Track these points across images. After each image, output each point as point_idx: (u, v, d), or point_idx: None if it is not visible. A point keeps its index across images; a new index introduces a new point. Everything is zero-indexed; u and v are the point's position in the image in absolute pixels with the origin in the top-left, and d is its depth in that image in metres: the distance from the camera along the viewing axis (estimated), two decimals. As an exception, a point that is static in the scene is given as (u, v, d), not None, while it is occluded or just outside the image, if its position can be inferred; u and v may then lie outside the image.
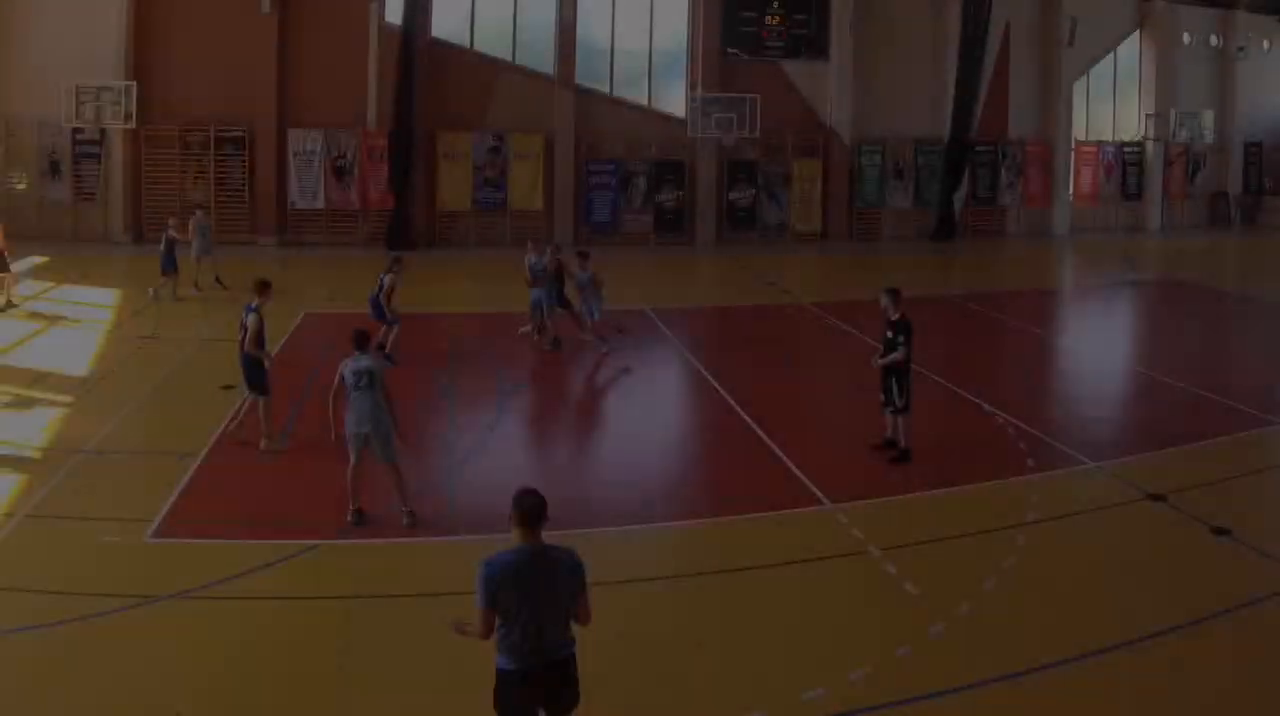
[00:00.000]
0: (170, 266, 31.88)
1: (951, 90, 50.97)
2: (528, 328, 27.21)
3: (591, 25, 48.80)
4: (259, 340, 18.88)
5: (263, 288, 19.38)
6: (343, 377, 15.64)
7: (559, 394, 24.14)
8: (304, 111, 45.54)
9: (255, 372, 18.99)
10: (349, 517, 15.48)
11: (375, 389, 15.57)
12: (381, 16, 45.63)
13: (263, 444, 18.94)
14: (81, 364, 24.66)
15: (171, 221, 32.66)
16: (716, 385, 24.07)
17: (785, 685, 11.32)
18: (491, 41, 47.94)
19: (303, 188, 45.55)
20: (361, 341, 15.96)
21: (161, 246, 31.98)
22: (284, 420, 20.08)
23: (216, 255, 34.11)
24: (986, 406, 22.25)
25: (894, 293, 18.66)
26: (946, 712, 10.95)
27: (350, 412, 15.61)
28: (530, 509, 8.64)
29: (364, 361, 15.66)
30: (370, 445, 15.60)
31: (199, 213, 34.46)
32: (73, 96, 41.99)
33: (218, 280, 33.79)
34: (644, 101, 50.09)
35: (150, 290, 31.90)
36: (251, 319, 18.82)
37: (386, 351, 23.56)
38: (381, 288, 24.52)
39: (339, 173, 45.77)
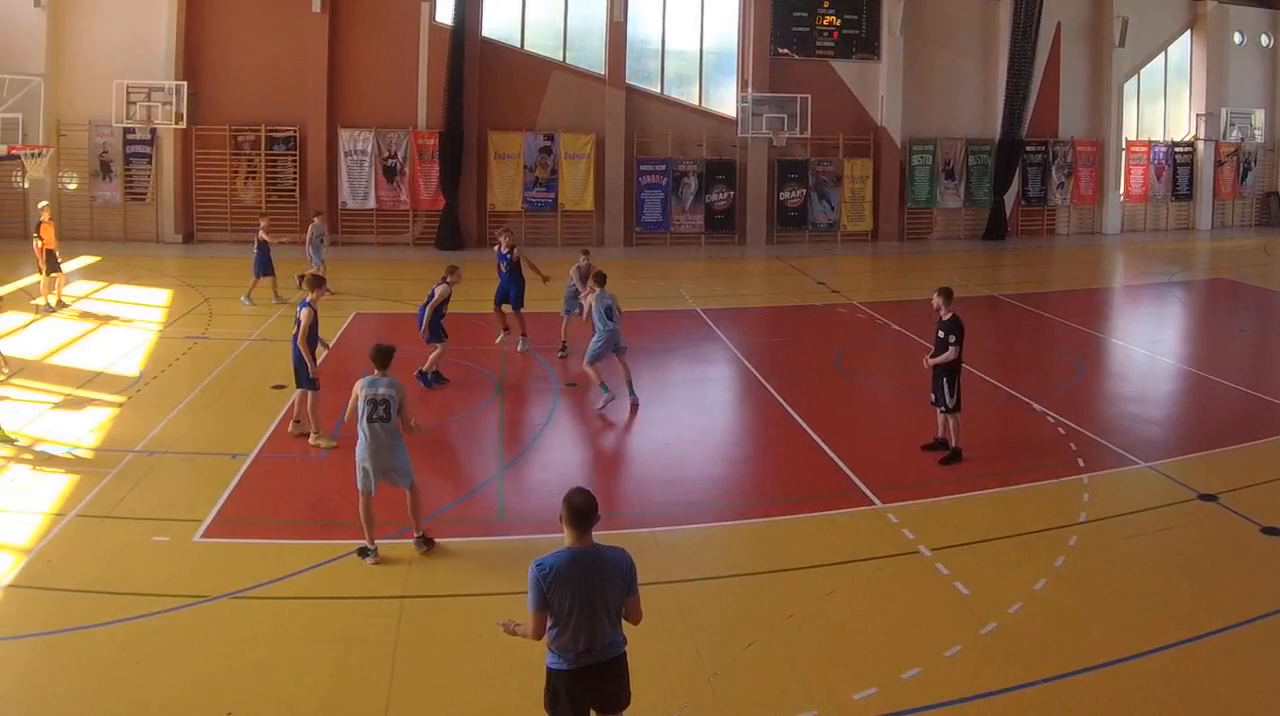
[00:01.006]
0: (264, 269, 31.97)
1: (1002, 90, 50.87)
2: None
3: (642, 25, 48.79)
4: (310, 335, 19.15)
5: (315, 283, 19.72)
6: (357, 402, 14.52)
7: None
8: (354, 111, 45.67)
9: (305, 367, 19.28)
10: (366, 557, 14.32)
11: (392, 420, 14.45)
12: (432, 16, 45.70)
13: (311, 439, 19.21)
14: (132, 364, 24.78)
15: (263, 223, 32.68)
16: (767, 385, 24.08)
17: (836, 685, 11.32)
18: (542, 41, 47.96)
19: (353, 188, 45.65)
20: (383, 359, 14.93)
21: (255, 249, 32.14)
22: (336, 418, 20.13)
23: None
24: (1037, 406, 22.20)
25: (947, 292, 18.67)
26: (998, 712, 10.91)
27: (365, 444, 14.43)
28: (581, 509, 8.63)
29: (382, 387, 14.46)
30: (388, 478, 14.59)
31: (316, 219, 34.43)
32: (124, 96, 42.12)
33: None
34: (695, 101, 49.96)
35: (243, 297, 31.92)
36: (305, 313, 19.09)
37: (425, 372, 23.08)
38: (431, 298, 23.18)
39: (389, 173, 45.83)
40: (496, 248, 27.45)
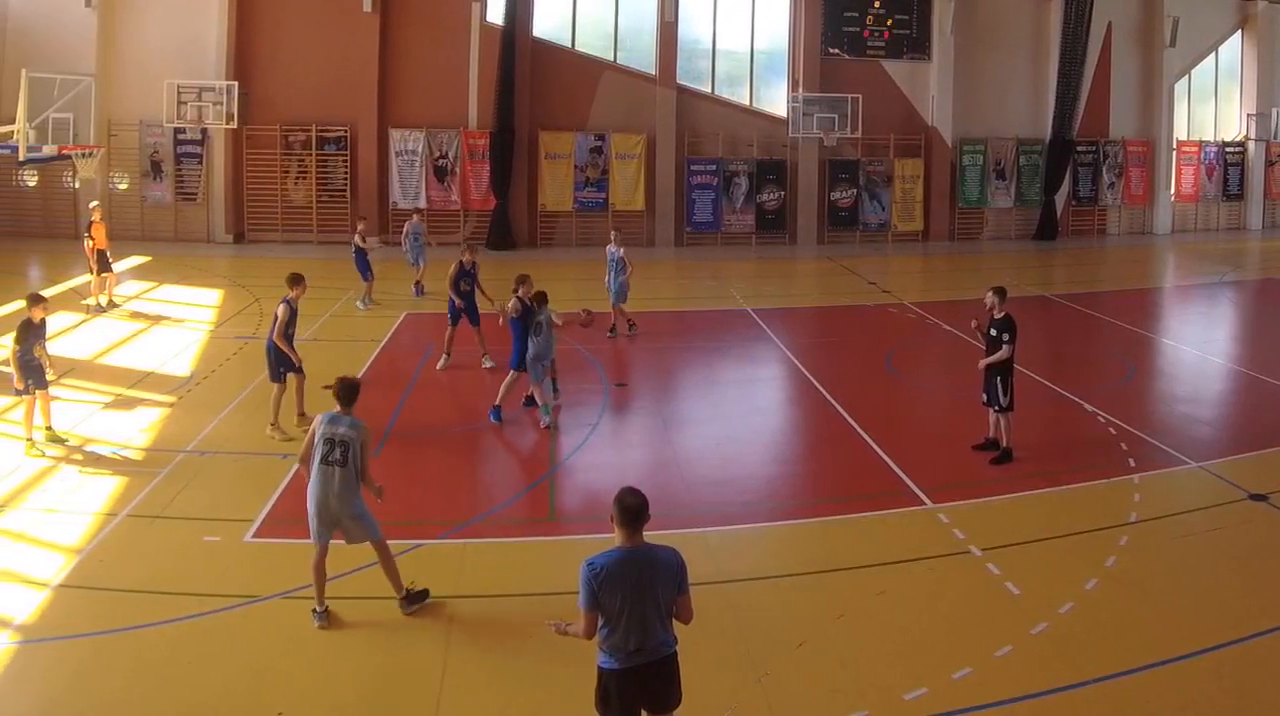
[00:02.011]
0: (366, 272, 32.11)
1: (1053, 89, 50.70)
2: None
3: (693, 25, 48.77)
4: (285, 331, 19.55)
5: (295, 281, 20.07)
6: (312, 440, 12.78)
7: (660, 393, 24.13)
8: (405, 111, 45.79)
9: (280, 361, 19.75)
10: (315, 620, 12.63)
11: (349, 465, 12.64)
12: (483, 16, 45.81)
13: (268, 431, 19.47)
14: (183, 364, 24.93)
15: (360, 227, 32.75)
16: (818, 385, 24.08)
17: (887, 685, 11.35)
18: (593, 41, 48.02)
19: (404, 188, 45.74)
20: (347, 396, 13.03)
21: (353, 254, 32.30)
22: (385, 422, 20.38)
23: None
24: (1088, 406, 22.16)
25: (1001, 291, 18.66)
26: (1049, 713, 10.93)
27: (315, 489, 12.70)
28: (632, 509, 8.69)
29: (343, 427, 12.72)
30: (342, 526, 12.81)
31: (414, 218, 34.48)
32: (174, 96, 42.24)
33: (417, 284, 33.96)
34: (745, 101, 49.91)
35: (358, 302, 32.13)
36: (282, 309, 19.48)
37: (498, 406, 21.69)
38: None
39: (440, 173, 45.95)
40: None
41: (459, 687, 11.36)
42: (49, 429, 19.08)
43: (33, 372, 18.52)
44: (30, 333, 18.67)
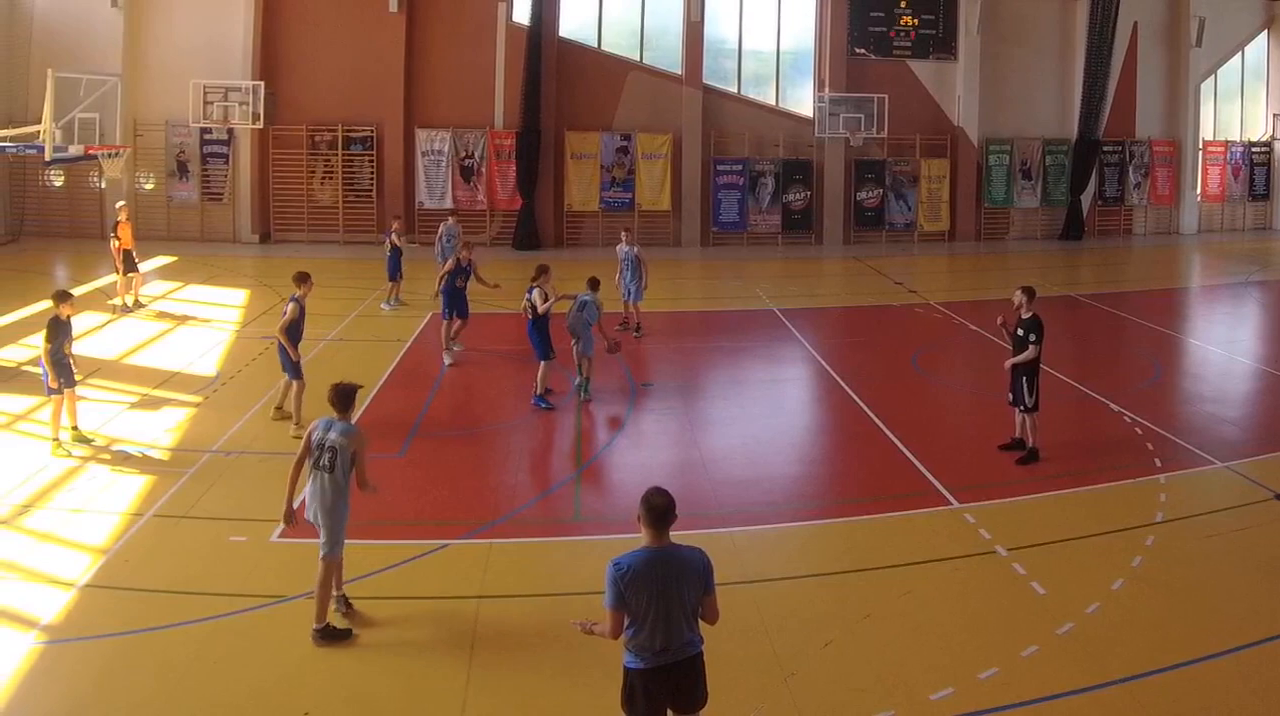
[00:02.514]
0: (395, 273, 32.22)
1: (1079, 89, 50.59)
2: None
3: (719, 25, 48.67)
4: (293, 329, 19.67)
5: (302, 278, 20.30)
6: (308, 445, 12.70)
7: (686, 393, 24.05)
8: (431, 111, 45.86)
9: (287, 357, 19.78)
10: (314, 636, 12.31)
11: (338, 472, 12.49)
12: (509, 16, 45.83)
13: (291, 431, 19.48)
14: (209, 364, 24.98)
15: (395, 226, 32.79)
16: (844, 385, 24.11)
17: (913, 684, 11.38)
18: (619, 41, 48.03)
19: (430, 188, 45.79)
20: (342, 402, 12.88)
21: (387, 252, 32.37)
22: (410, 422, 20.47)
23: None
24: (1113, 406, 22.16)
25: (1030, 290, 18.70)
26: (1075, 713, 10.94)
27: (308, 491, 12.77)
28: (660, 509, 8.71)
29: (335, 433, 12.59)
30: (319, 527, 12.64)
31: (450, 219, 34.34)
32: (200, 96, 42.23)
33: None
34: (772, 101, 49.92)
35: (384, 303, 32.17)
36: (290, 307, 19.64)
37: (536, 392, 22.35)
38: (533, 308, 22.27)
39: (466, 173, 45.98)
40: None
41: (485, 687, 11.40)
42: (75, 429, 19.12)
43: (63, 371, 18.63)
44: (60, 330, 18.75)
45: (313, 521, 12.65)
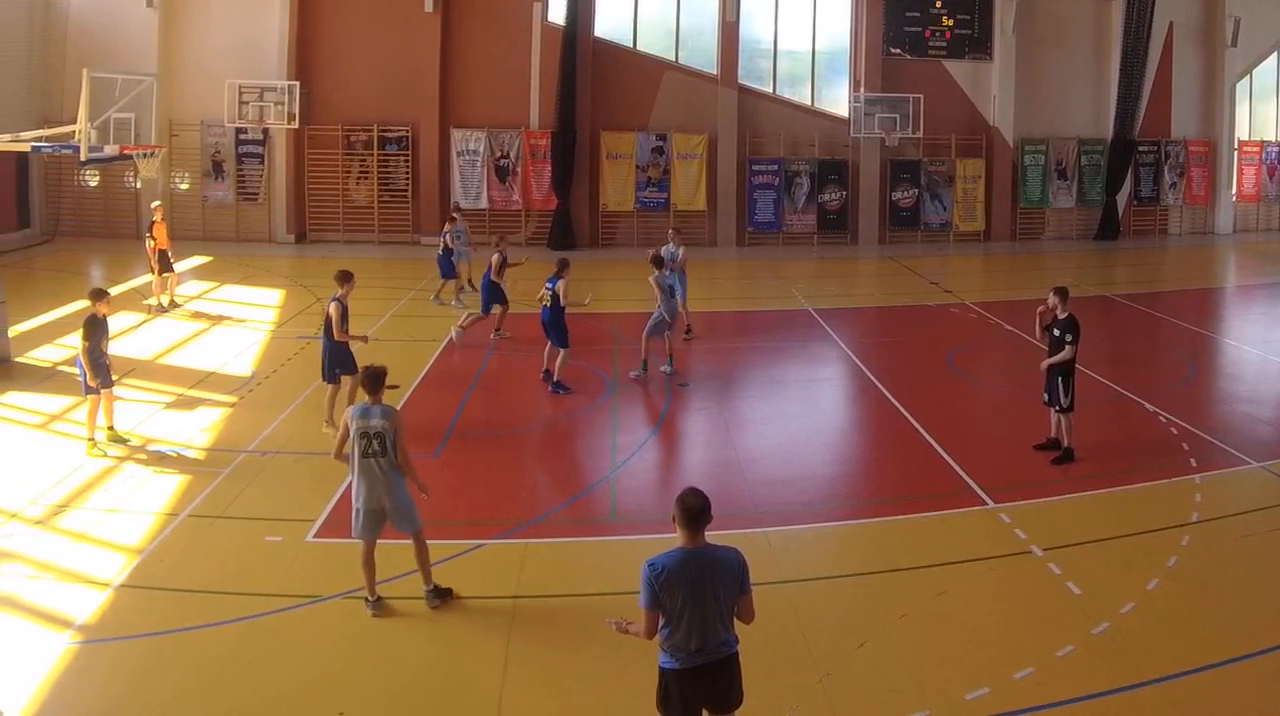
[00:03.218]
0: (449, 271, 32.53)
1: (1115, 89, 50.40)
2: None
3: (754, 25, 48.58)
4: (342, 327, 19.76)
5: (344, 278, 20.44)
6: (346, 435, 13.03)
7: (722, 393, 24.10)
8: (467, 111, 45.85)
9: (336, 358, 19.92)
10: (369, 609, 13.03)
11: (388, 454, 12.84)
12: (544, 16, 45.79)
13: (324, 429, 19.65)
14: (244, 364, 25.08)
15: (448, 226, 32.94)
16: (879, 385, 24.13)
17: (948, 685, 11.40)
18: (654, 41, 47.94)
19: (466, 188, 45.76)
20: (374, 385, 13.12)
21: (440, 250, 32.65)
22: (446, 422, 20.57)
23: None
24: (1149, 406, 22.14)
25: (1063, 291, 18.67)
26: (1110, 713, 10.95)
27: (358, 483, 13.01)
28: (695, 509, 8.71)
29: (375, 418, 12.83)
30: (390, 519, 13.07)
31: (458, 219, 34.26)
32: (236, 96, 42.43)
33: (469, 283, 33.80)
34: (807, 101, 49.81)
35: (452, 301, 32.41)
36: (333, 308, 19.70)
37: (556, 379, 23.10)
38: (556, 299, 22.90)
39: (501, 173, 45.95)
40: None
41: (520, 687, 11.44)
42: (111, 428, 19.22)
43: (100, 371, 18.72)
44: (97, 329, 18.83)
45: (369, 512, 12.91)
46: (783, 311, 32.62)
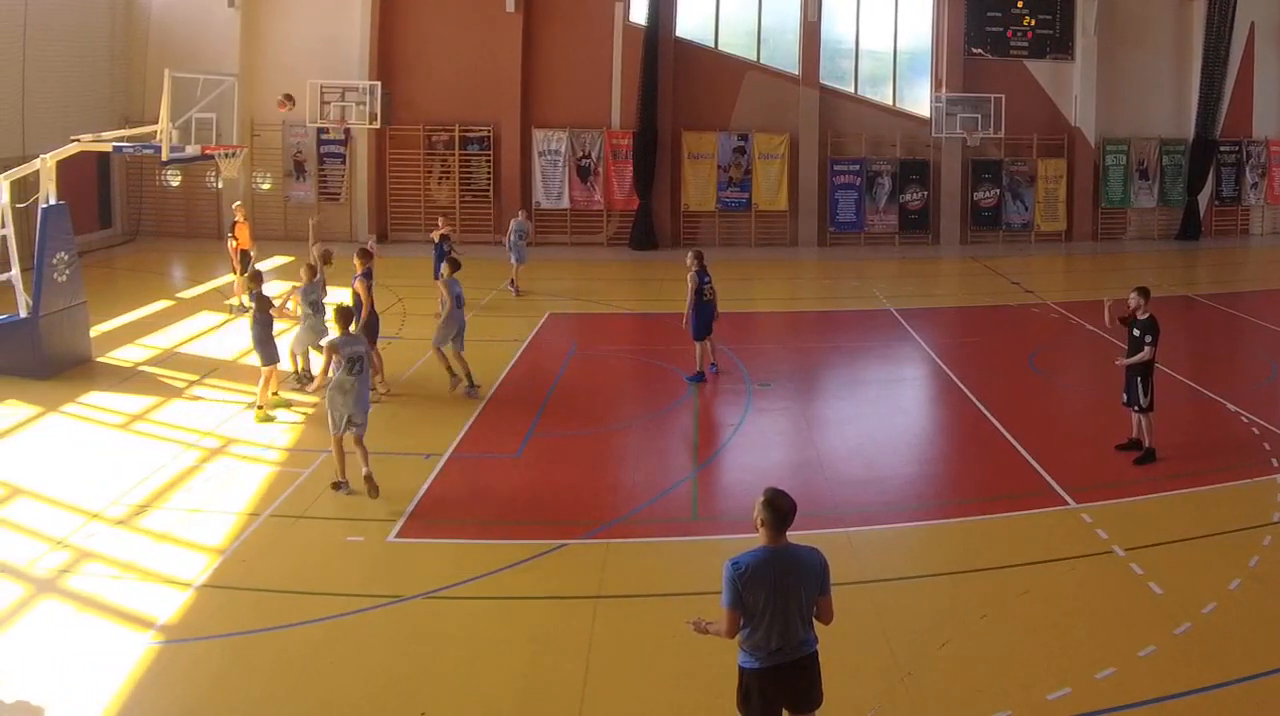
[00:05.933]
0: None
1: (1196, 89, 49.98)
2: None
3: (836, 24, 48.47)
4: (369, 303, 21.85)
5: (364, 256, 22.64)
6: (336, 358, 16.56)
7: (804, 393, 24.14)
8: (548, 111, 45.93)
9: (370, 331, 21.56)
10: (339, 490, 16.84)
11: (364, 372, 16.72)
12: (626, 16, 45.78)
13: (380, 386, 21.65)
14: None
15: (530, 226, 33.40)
16: (961, 385, 24.13)
17: (1030, 685, 11.41)
18: (735, 40, 47.84)
19: (547, 188, 45.85)
20: (347, 319, 17.18)
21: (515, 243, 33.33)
22: (528, 423, 20.75)
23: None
24: (1230, 406, 22.02)
25: (1144, 291, 18.66)
26: (1192, 713, 10.95)
27: (342, 397, 16.51)
28: (783, 510, 8.76)
29: (358, 346, 16.75)
30: (354, 419, 16.63)
31: (520, 214, 34.78)
32: (318, 96, 42.67)
33: (511, 283, 34.31)
34: (888, 101, 49.70)
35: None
36: (359, 283, 21.86)
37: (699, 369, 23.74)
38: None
39: (583, 173, 45.97)
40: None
41: (602, 687, 11.52)
42: (275, 394, 20.96)
43: (265, 349, 20.86)
44: (260, 305, 21.07)
45: (353, 414, 16.58)
46: (864, 311, 32.63)
